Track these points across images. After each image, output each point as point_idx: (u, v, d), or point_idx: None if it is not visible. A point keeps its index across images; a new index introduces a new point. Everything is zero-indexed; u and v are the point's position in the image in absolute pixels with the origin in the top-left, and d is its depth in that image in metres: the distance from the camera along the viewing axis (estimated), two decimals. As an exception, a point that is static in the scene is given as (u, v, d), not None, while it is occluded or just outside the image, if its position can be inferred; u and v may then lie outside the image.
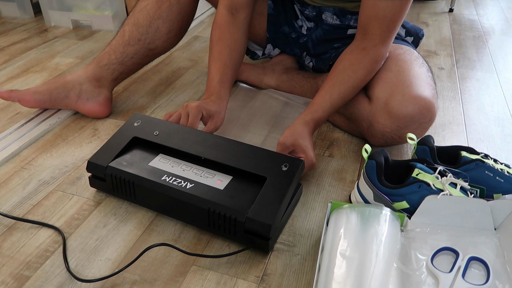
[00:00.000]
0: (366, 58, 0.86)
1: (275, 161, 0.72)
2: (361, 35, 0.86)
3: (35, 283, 0.63)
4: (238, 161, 0.74)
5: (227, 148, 0.76)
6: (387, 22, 0.83)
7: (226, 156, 0.74)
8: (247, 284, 0.63)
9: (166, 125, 0.82)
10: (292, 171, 0.71)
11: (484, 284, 0.58)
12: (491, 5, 2.07)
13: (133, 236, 0.71)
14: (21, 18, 1.76)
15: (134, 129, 0.82)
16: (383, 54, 0.87)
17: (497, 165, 0.76)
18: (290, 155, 0.75)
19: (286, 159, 0.73)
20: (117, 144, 0.79)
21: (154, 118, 0.84)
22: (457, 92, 1.22)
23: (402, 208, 0.71)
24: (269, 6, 1.10)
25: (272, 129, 1.01)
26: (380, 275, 0.56)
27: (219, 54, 0.95)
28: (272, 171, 0.71)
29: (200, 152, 0.76)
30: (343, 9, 1.00)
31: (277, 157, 0.73)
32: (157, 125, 0.82)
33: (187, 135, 0.80)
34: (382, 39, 0.85)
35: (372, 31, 0.84)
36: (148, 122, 0.83)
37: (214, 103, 0.88)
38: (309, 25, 1.08)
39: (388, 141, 0.88)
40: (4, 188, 0.82)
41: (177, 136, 0.79)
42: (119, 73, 1.04)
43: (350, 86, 0.86)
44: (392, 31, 0.85)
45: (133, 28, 1.03)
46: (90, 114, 1.03)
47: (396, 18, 0.83)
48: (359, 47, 0.86)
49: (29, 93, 0.97)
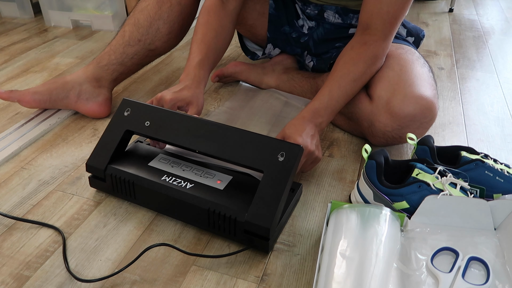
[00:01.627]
0: (366, 52, 0.85)
1: (272, 150, 0.68)
2: (362, 31, 0.87)
3: (35, 283, 0.63)
4: (233, 153, 0.70)
5: (221, 136, 0.71)
6: (389, 18, 0.83)
7: (220, 148, 0.70)
8: (247, 284, 0.63)
9: (156, 113, 0.77)
10: (289, 160, 0.66)
11: (484, 284, 0.58)
12: (491, 5, 2.07)
13: (133, 236, 0.71)
14: (21, 18, 1.76)
15: (125, 120, 0.78)
16: (383, 50, 0.87)
17: (497, 165, 0.76)
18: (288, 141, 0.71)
19: (283, 146, 0.68)
20: (111, 140, 0.77)
21: (143, 104, 0.79)
22: (457, 92, 1.22)
23: (402, 208, 0.71)
24: (270, 5, 1.10)
25: (273, 128, 1.01)
26: (380, 275, 0.56)
27: (203, 36, 0.93)
28: (269, 162, 0.67)
29: (193, 143, 0.72)
30: (346, 7, 1.01)
31: (274, 144, 0.68)
32: (147, 113, 0.78)
33: (179, 124, 0.75)
34: (384, 34, 0.85)
35: (374, 26, 0.84)
36: (138, 110, 0.78)
37: (190, 89, 0.86)
38: (311, 24, 1.08)
39: (389, 141, 0.88)
40: (4, 188, 0.82)
41: (168, 125, 0.75)
42: (119, 73, 1.04)
43: (350, 80, 0.85)
44: (393, 27, 0.85)
45: (133, 29, 1.02)
46: (90, 114, 1.03)
47: (398, 14, 0.83)
48: (360, 42, 0.86)
49: (28, 93, 0.97)
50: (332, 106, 0.83)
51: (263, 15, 1.11)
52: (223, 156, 0.70)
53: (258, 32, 1.14)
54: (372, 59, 0.86)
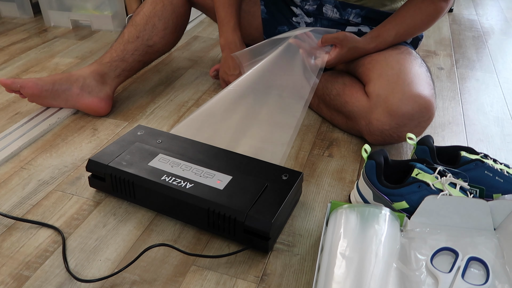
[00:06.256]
0: (427, 7, 0.93)
1: (276, 172, 0.75)
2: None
3: (34, 283, 0.63)
4: (239, 171, 0.75)
5: (229, 159, 0.78)
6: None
7: (227, 167, 0.75)
8: (246, 284, 0.63)
9: (168, 136, 0.84)
10: (292, 180, 0.73)
11: (484, 284, 0.58)
12: (491, 5, 2.08)
13: (133, 236, 0.71)
14: (21, 18, 1.76)
15: (137, 137, 0.84)
16: (442, 8, 0.93)
17: (496, 165, 0.76)
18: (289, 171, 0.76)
19: (287, 170, 0.75)
20: (119, 148, 0.80)
21: (157, 129, 0.86)
22: (456, 92, 1.22)
23: (401, 208, 0.71)
24: (262, 11, 1.13)
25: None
26: (380, 275, 0.56)
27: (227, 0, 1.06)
28: (273, 179, 0.73)
29: (201, 162, 0.77)
30: (344, 1, 1.01)
31: (278, 168, 0.75)
32: (160, 136, 0.84)
33: (189, 146, 0.81)
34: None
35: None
36: (151, 133, 0.85)
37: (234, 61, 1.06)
38: (309, 21, 1.09)
39: (386, 139, 0.88)
40: (4, 188, 0.82)
41: (179, 146, 0.81)
42: (121, 70, 1.07)
43: (406, 26, 0.95)
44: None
45: (131, 28, 1.09)
46: (89, 110, 1.03)
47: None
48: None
49: (32, 80, 0.99)
50: (377, 47, 0.96)
51: (249, 14, 1.15)
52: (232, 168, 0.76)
53: (248, 31, 1.16)
54: (429, 15, 0.94)
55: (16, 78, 0.99)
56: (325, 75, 1.03)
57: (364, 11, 1.01)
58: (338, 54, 0.95)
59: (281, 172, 0.74)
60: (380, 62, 0.93)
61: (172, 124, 1.03)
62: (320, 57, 0.98)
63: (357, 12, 1.02)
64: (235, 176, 0.73)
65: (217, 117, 0.93)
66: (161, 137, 0.84)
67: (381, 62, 0.92)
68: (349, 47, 0.95)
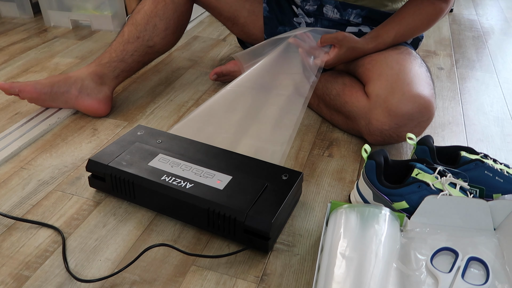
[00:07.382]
0: (427, 8, 0.94)
1: (276, 172, 0.74)
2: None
3: (34, 283, 0.63)
4: (239, 170, 0.75)
5: (229, 159, 0.78)
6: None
7: (227, 167, 0.75)
8: (246, 284, 0.63)
9: (168, 136, 0.84)
10: (292, 180, 0.73)
11: (484, 284, 0.58)
12: (491, 5, 2.08)
13: (133, 236, 0.71)
14: (21, 18, 1.75)
15: (137, 137, 0.83)
16: (442, 9, 0.94)
17: (496, 165, 0.76)
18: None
19: (286, 170, 0.75)
20: (119, 148, 0.80)
21: (156, 129, 0.86)
22: (456, 92, 1.22)
23: (401, 208, 0.71)
24: (264, 9, 1.12)
25: None
26: (380, 275, 0.56)
27: None
28: (273, 179, 0.73)
29: (201, 162, 0.77)
30: (345, 2, 1.01)
31: (278, 168, 0.75)
32: (159, 136, 0.84)
33: (189, 146, 0.81)
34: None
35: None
36: (151, 133, 0.85)
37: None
38: (309, 21, 1.09)
39: (386, 139, 0.89)
40: (4, 188, 0.82)
41: (179, 146, 0.81)
42: (120, 70, 1.06)
43: (405, 27, 0.95)
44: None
45: (131, 28, 1.06)
46: (89, 111, 1.03)
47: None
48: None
49: (30, 83, 0.99)
50: (376, 47, 0.96)
51: (253, 14, 1.13)
52: (232, 168, 0.75)
53: (251, 31, 1.15)
54: (431, 15, 0.95)
55: (14, 82, 0.98)
56: (325, 75, 1.03)
57: (364, 11, 1.02)
58: (337, 54, 0.95)
59: (281, 172, 0.74)
60: (380, 62, 0.93)
61: (172, 124, 1.03)
62: (319, 57, 0.98)
63: (358, 12, 1.02)
64: (235, 176, 0.73)
65: (216, 116, 0.93)
66: (161, 137, 0.84)
67: (381, 62, 0.92)
68: (348, 47, 0.95)
